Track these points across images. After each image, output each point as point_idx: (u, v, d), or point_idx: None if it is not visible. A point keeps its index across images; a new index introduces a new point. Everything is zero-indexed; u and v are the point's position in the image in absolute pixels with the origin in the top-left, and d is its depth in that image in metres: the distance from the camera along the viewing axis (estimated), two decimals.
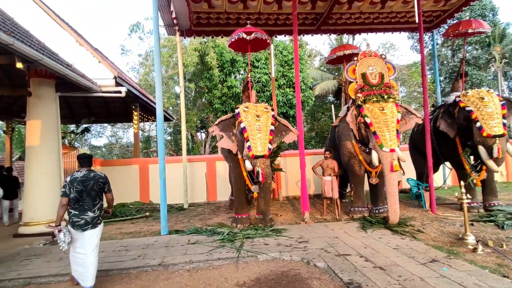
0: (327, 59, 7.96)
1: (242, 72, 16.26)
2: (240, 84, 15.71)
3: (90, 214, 3.58)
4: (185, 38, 9.90)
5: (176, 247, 5.18)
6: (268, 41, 6.37)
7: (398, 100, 6.11)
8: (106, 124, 23.26)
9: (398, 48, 37.35)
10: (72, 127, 13.75)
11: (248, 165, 5.86)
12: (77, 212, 3.54)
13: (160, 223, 6.23)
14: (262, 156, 5.70)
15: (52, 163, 6.90)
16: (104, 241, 5.83)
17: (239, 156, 6.28)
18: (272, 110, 6.21)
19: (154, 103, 11.89)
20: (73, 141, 11.49)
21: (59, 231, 3.48)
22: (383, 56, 6.35)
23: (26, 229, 6.52)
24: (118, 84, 8.06)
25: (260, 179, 5.68)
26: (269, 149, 5.81)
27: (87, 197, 3.58)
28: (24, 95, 7.15)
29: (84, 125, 11.04)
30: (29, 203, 6.67)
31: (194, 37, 9.55)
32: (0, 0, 7.87)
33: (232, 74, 16.21)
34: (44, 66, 5.91)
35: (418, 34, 7.60)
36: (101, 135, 25.41)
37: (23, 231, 6.52)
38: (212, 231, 5.98)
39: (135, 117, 10.47)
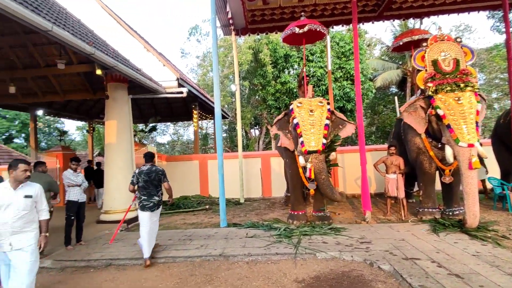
0: (392, 46, 7.34)
1: (296, 67, 16.04)
2: (294, 79, 15.52)
3: (156, 198, 4.64)
4: (240, 37, 10.13)
5: (235, 239, 5.35)
6: (324, 32, 6.14)
7: (478, 88, 5.35)
8: (169, 123, 25.18)
9: (475, 30, 32.73)
10: (141, 126, 15.21)
11: (302, 161, 5.76)
12: (146, 197, 4.57)
13: (219, 216, 6.52)
14: (315, 151, 5.56)
15: (126, 159, 7.71)
16: (170, 230, 6.35)
17: (295, 152, 6.22)
18: (328, 104, 5.99)
19: (212, 102, 12.46)
20: (142, 139, 12.67)
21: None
22: (459, 40, 5.62)
23: (106, 217, 7.40)
24: (180, 85, 8.63)
25: (307, 174, 5.55)
26: (324, 144, 5.63)
27: (151, 185, 4.59)
28: (102, 98, 8.13)
29: (151, 124, 12.09)
30: (108, 193, 7.56)
31: (249, 35, 9.71)
32: (80, 15, 9.02)
33: (285, 69, 16.09)
34: (118, 71, 6.61)
35: (501, 11, 6.55)
36: (165, 133, 27.61)
37: (103, 218, 7.42)
38: (269, 226, 6.03)
39: (195, 116, 11.11)
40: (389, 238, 5.01)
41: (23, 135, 24.23)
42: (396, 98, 9.58)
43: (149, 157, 4.82)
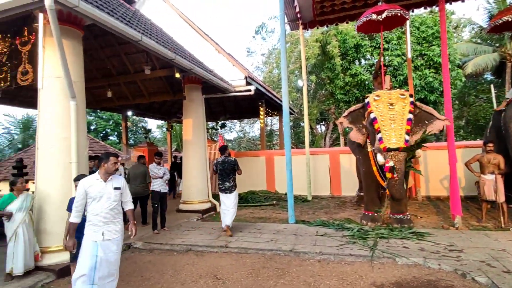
0: (489, 27, 6.26)
1: (368, 57, 15.01)
2: (366, 71, 14.54)
3: (227, 184, 5.68)
4: (307, 30, 9.93)
5: (305, 236, 5.30)
6: (406, 16, 5.56)
7: None
8: (235, 120, 26.26)
9: None
10: (210, 123, 16.21)
11: (380, 158, 5.35)
12: (220, 182, 5.76)
13: (287, 212, 6.53)
14: (397, 149, 5.08)
15: (201, 154, 8.30)
16: (240, 223, 6.61)
17: (369, 149, 5.82)
18: (411, 96, 5.42)
19: (278, 99, 12.53)
20: (213, 136, 13.47)
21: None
22: None
23: (184, 206, 8.11)
24: (248, 84, 8.90)
25: (390, 174, 5.09)
26: (406, 140, 5.12)
27: (224, 173, 5.68)
28: (180, 99, 8.89)
29: (221, 122, 12.76)
30: (186, 185, 8.27)
31: (317, 28, 9.41)
32: (160, 22, 9.98)
33: (356, 60, 15.19)
34: (194, 74, 7.13)
35: None
36: (231, 130, 28.88)
37: (182, 208, 8.14)
38: (340, 225, 5.80)
39: (261, 113, 11.33)
40: (485, 247, 4.32)
41: (116, 133, 28.14)
42: (492, 86, 8.15)
43: (223, 150, 5.90)
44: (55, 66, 4.34)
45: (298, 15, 8.40)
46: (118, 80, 9.45)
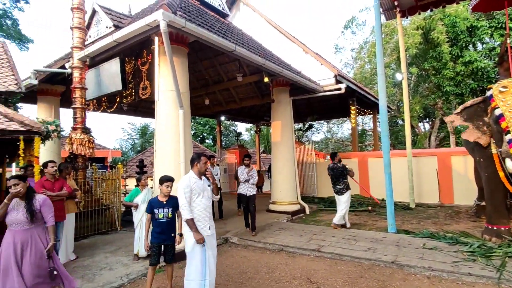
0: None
1: (487, 40, 12.48)
2: (484, 56, 12.12)
3: (338, 186, 6.18)
4: (406, 18, 8.89)
5: (409, 248, 4.71)
6: None
7: None
8: (322, 121, 25.55)
9: None
10: (296, 125, 16.20)
11: (510, 165, 4.35)
12: (333, 185, 6.24)
13: (386, 220, 5.95)
14: None
15: (289, 155, 8.37)
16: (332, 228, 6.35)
17: (493, 151, 4.79)
18: None
19: (371, 96, 11.61)
20: (301, 138, 13.42)
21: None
22: None
23: (274, 207, 8.30)
24: (338, 82, 8.52)
25: None
26: None
27: (334, 177, 6.17)
28: (267, 103, 9.19)
29: (309, 123, 12.60)
30: (275, 186, 8.46)
31: (419, 13, 8.33)
32: (249, 31, 10.51)
33: (470, 46, 12.82)
34: (282, 77, 7.24)
35: None
36: (318, 131, 28.21)
37: (271, 208, 8.35)
38: (454, 239, 4.95)
39: (352, 112, 10.68)
40: None
41: (211, 136, 31.08)
42: None
43: (333, 156, 6.41)
44: (168, 81, 5.05)
45: (396, 3, 7.62)
46: (214, 89, 10.43)
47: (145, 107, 11.54)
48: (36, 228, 2.92)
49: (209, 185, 3.23)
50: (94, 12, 7.50)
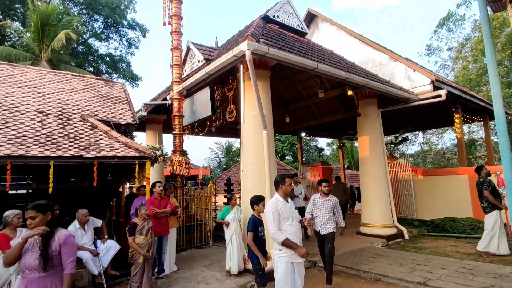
0: None
1: None
2: None
3: (481, 204, 5.62)
4: None
5: None
6: None
7: None
8: (416, 132, 22.78)
9: None
10: (388, 137, 14.77)
11: None
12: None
13: None
14: None
15: (381, 172, 7.65)
16: (440, 257, 5.46)
17: None
18: None
19: (480, 100, 9.87)
20: (393, 152, 12.21)
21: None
22: None
23: (365, 229, 7.62)
24: (436, 88, 7.51)
25: None
26: None
27: (479, 194, 5.65)
28: (349, 117, 8.67)
29: (402, 135, 11.38)
30: (365, 206, 7.80)
31: None
32: (329, 45, 10.29)
33: None
34: (369, 88, 6.79)
35: None
36: (412, 143, 25.21)
37: (362, 230, 7.69)
38: None
39: (456, 120, 9.17)
40: None
41: (291, 153, 31.12)
42: None
43: (478, 170, 5.92)
44: (252, 104, 5.30)
45: None
46: (294, 106, 10.50)
47: (230, 128, 12.38)
48: (54, 277, 2.21)
49: (296, 208, 3.15)
50: (188, 49, 8.60)
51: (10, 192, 4.61)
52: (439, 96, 7.16)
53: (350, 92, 7.29)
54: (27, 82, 5.80)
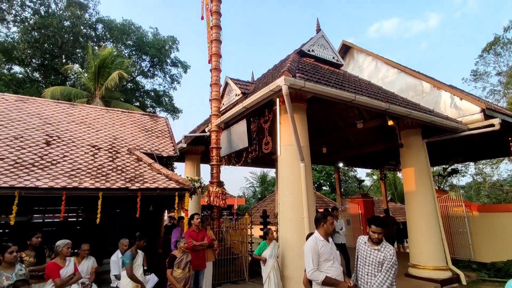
0: None
1: None
2: None
3: None
4: None
5: None
6: None
7: None
8: (467, 162, 20.93)
9: None
10: (435, 168, 13.74)
11: None
12: None
13: None
14: None
15: (429, 208, 7.03)
16: None
17: None
18: None
19: None
20: (440, 184, 11.27)
21: None
22: None
23: (414, 271, 6.90)
24: (487, 117, 6.95)
25: None
26: None
27: None
28: (390, 147, 8.25)
29: (451, 167, 10.52)
30: (413, 245, 7.13)
31: None
32: (366, 75, 10.17)
33: None
34: (411, 118, 6.49)
35: None
36: (463, 174, 23.12)
37: (411, 272, 6.96)
38: None
39: None
40: None
41: (328, 183, 30.11)
42: None
43: None
44: (288, 136, 5.31)
45: None
46: (331, 137, 10.31)
47: (265, 159, 12.37)
48: None
49: (336, 245, 2.96)
50: (226, 84, 9.03)
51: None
52: (492, 125, 6.60)
53: (390, 122, 7.03)
54: (83, 119, 6.44)
